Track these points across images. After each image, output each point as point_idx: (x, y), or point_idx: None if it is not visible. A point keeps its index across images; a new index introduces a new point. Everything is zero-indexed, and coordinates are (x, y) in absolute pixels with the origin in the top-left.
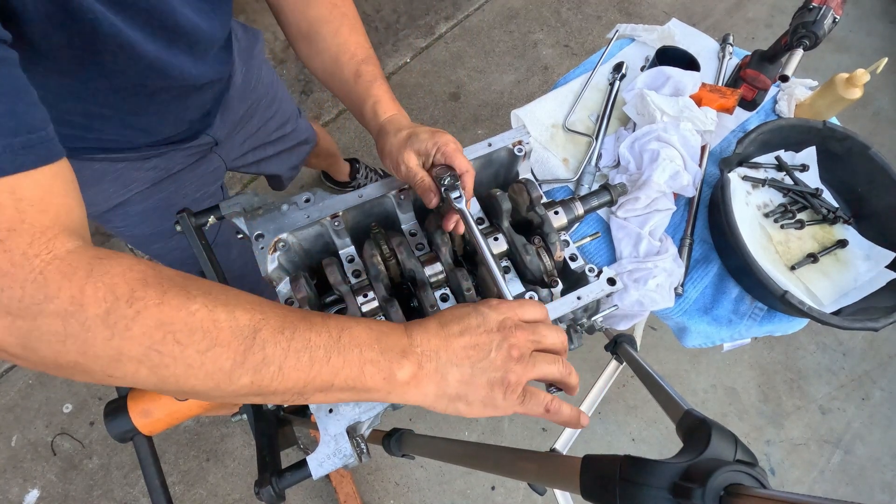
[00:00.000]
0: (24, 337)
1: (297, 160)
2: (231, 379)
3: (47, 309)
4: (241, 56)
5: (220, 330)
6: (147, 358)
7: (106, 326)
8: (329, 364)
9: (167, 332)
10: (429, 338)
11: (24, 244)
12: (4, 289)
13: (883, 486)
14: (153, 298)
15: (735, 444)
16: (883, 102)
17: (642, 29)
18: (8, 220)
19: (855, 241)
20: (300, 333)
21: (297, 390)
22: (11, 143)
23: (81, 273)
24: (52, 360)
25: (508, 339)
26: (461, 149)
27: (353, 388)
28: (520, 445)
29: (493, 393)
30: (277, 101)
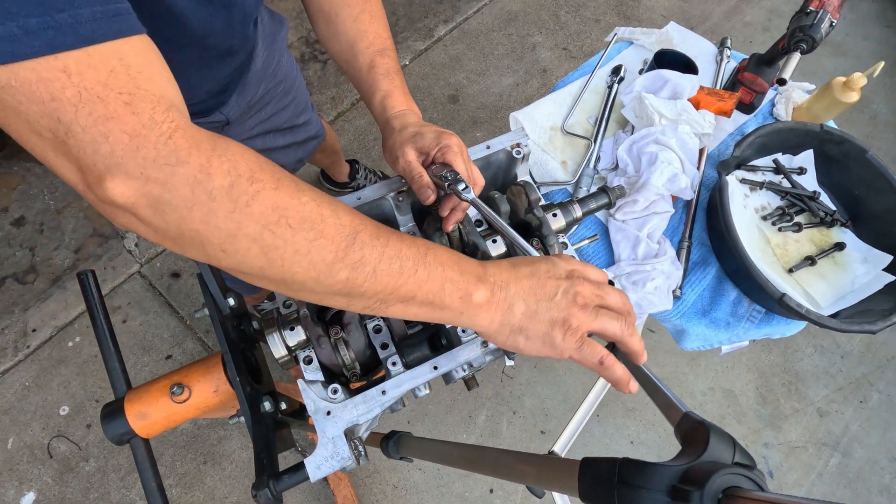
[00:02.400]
0: (154, 199)
1: (304, 154)
2: (331, 271)
3: (178, 172)
4: (265, 40)
5: (325, 224)
6: (261, 237)
7: (230, 199)
8: (416, 276)
9: (281, 215)
10: (501, 271)
11: (150, 109)
12: (139, 148)
13: (881, 488)
14: (270, 182)
15: (733, 447)
16: (880, 106)
17: (640, 32)
18: (125, 84)
19: (852, 244)
20: (393, 243)
21: (383, 296)
22: (106, 10)
23: (207, 145)
24: (175, 227)
25: (575, 286)
26: (465, 154)
27: (432, 302)
28: (518, 448)
29: (553, 331)
30: (294, 91)
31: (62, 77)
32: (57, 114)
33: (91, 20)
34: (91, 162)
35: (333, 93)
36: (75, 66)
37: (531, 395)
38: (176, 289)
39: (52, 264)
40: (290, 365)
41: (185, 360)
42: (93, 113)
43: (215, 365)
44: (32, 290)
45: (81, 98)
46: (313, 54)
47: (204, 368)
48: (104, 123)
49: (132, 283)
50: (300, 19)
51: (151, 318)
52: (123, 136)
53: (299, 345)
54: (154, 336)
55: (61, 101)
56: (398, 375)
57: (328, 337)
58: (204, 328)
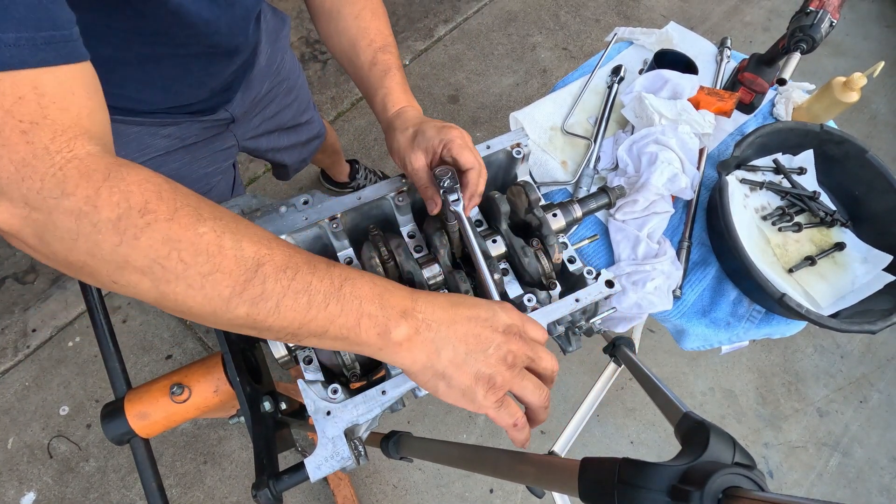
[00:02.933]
0: (39, 229)
1: (307, 154)
2: (228, 307)
3: (63, 205)
4: (268, 37)
5: (224, 256)
6: (151, 270)
7: (116, 232)
8: (326, 310)
9: (173, 248)
10: (434, 309)
11: (47, 139)
12: (25, 179)
13: (881, 488)
14: (164, 213)
15: (733, 447)
16: (880, 106)
17: (640, 32)
18: (31, 113)
19: (852, 244)
20: (302, 276)
21: (291, 331)
22: (34, 38)
23: (99, 176)
24: (62, 257)
25: (509, 343)
26: (469, 143)
27: (347, 338)
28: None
29: (475, 386)
30: (297, 89)
31: None
32: None
33: (12, 45)
34: None
35: (333, 93)
36: None
37: None
38: None
39: None
40: (290, 365)
41: (185, 360)
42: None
43: (215, 365)
44: (32, 290)
45: None
46: (313, 54)
47: (204, 368)
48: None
49: None
50: (300, 19)
51: (151, 318)
52: (10, 165)
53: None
54: (154, 336)
55: None
56: (398, 375)
57: None
58: (204, 328)
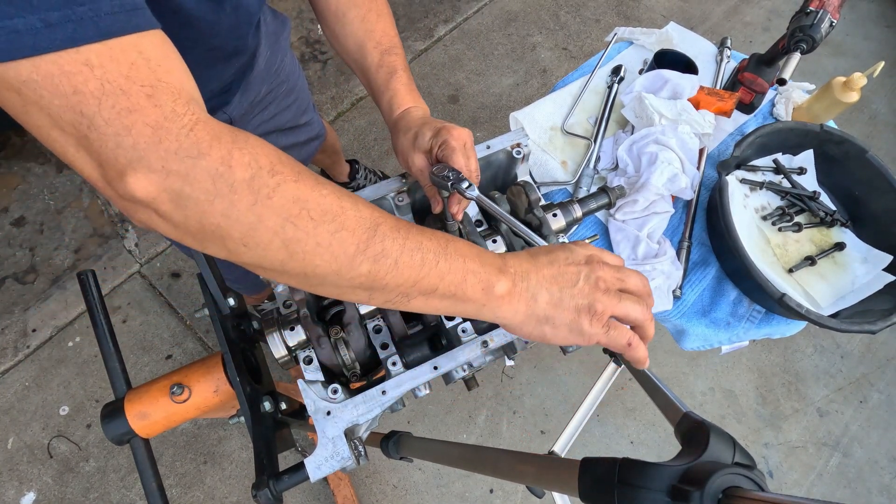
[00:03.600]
0: (176, 193)
1: (307, 155)
2: (353, 264)
3: (200, 165)
4: (268, 39)
5: (346, 216)
6: (282, 229)
7: (251, 191)
8: (437, 267)
9: (303, 207)
10: (520, 262)
11: (171, 101)
12: (162, 140)
13: (881, 488)
14: (290, 175)
15: (733, 447)
16: (880, 106)
17: (640, 32)
18: (147, 77)
19: (852, 244)
20: (414, 235)
21: (404, 289)
22: (123, 4)
23: (227, 138)
24: (195, 221)
25: (596, 271)
26: (463, 146)
27: (454, 294)
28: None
29: (579, 318)
30: (296, 91)
31: (85, 70)
32: (80, 107)
33: (110, 13)
34: (113, 156)
35: (333, 93)
36: (97, 59)
37: (531, 395)
38: (176, 289)
39: (52, 264)
40: (290, 365)
41: (185, 360)
42: (116, 105)
43: (215, 365)
44: (32, 290)
45: (105, 91)
46: (313, 54)
47: (204, 368)
48: (127, 116)
49: (132, 283)
50: (300, 19)
51: (151, 318)
52: (146, 129)
53: (299, 345)
54: (154, 336)
55: (84, 94)
56: (398, 375)
57: (328, 337)
58: (204, 328)
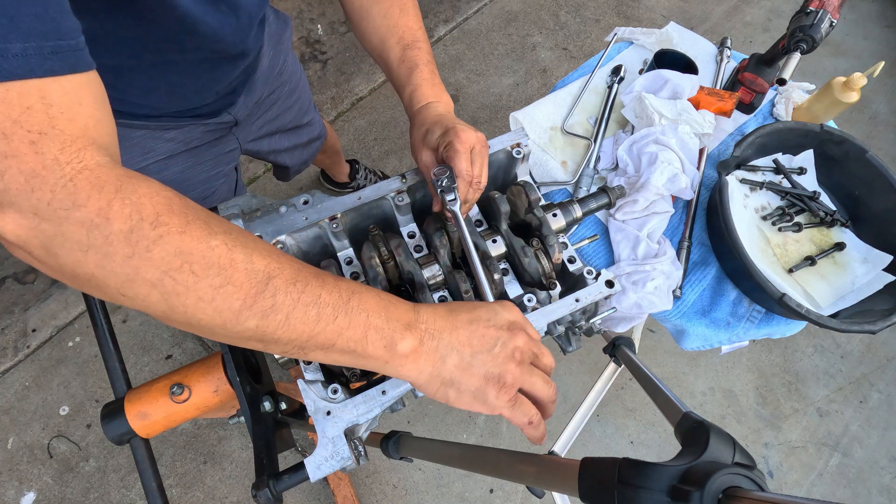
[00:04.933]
0: (47, 240)
1: (308, 155)
2: (238, 319)
3: (74, 216)
4: (271, 40)
5: (235, 269)
6: (161, 283)
7: (128, 244)
8: (335, 323)
9: (185, 261)
10: (435, 318)
11: (56, 149)
12: (35, 190)
13: (881, 488)
14: (176, 226)
15: (733, 447)
16: (880, 106)
17: (640, 32)
18: (39, 123)
19: (852, 244)
20: (311, 289)
21: (299, 343)
22: (41, 47)
23: (110, 188)
24: (69, 269)
25: (514, 339)
26: (469, 150)
27: (354, 351)
28: (518, 448)
29: (486, 387)
30: (298, 91)
31: None
32: None
33: (20, 55)
34: None
35: (333, 93)
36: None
37: None
38: None
39: None
40: (290, 365)
41: (185, 360)
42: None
43: (215, 365)
44: (32, 290)
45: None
46: (313, 54)
47: (204, 368)
48: (3, 161)
49: None
50: (300, 19)
51: (151, 319)
52: (19, 176)
53: None
54: (154, 336)
55: None
56: None
57: None
58: None
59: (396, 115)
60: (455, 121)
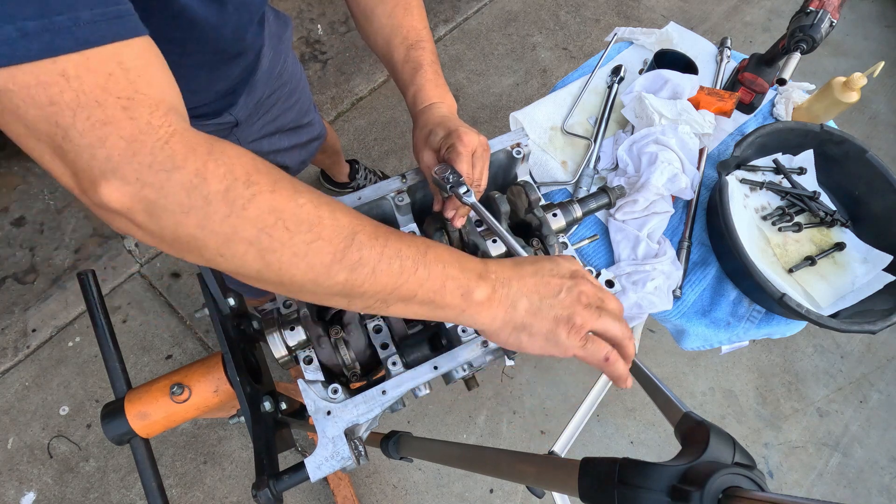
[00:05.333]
0: (150, 204)
1: (307, 155)
2: (329, 273)
3: (174, 178)
4: (271, 40)
5: (323, 225)
6: (258, 240)
7: (225, 203)
8: (416, 274)
9: (278, 217)
10: (503, 269)
11: (147, 114)
12: (136, 153)
13: (881, 488)
14: (266, 185)
15: (733, 447)
16: (880, 106)
17: (640, 32)
18: (124, 88)
19: (852, 244)
20: (392, 242)
21: (383, 296)
22: (106, 12)
23: (203, 149)
24: (170, 232)
25: (579, 285)
26: (476, 153)
27: (433, 301)
28: (518, 448)
29: (557, 329)
30: (299, 91)
31: (60, 81)
32: (55, 118)
33: (90, 23)
34: (87, 167)
35: (333, 93)
36: (74, 70)
37: (531, 395)
38: (176, 289)
39: (52, 264)
40: (290, 365)
41: (185, 360)
42: (91, 117)
43: (215, 365)
44: (32, 290)
45: (80, 102)
46: (313, 54)
47: (204, 368)
48: (101, 128)
49: (132, 283)
50: (300, 19)
51: (151, 318)
52: (120, 142)
53: (299, 345)
54: (154, 336)
55: (59, 105)
56: (398, 375)
57: (328, 337)
58: (204, 328)
59: (396, 115)
60: (458, 123)
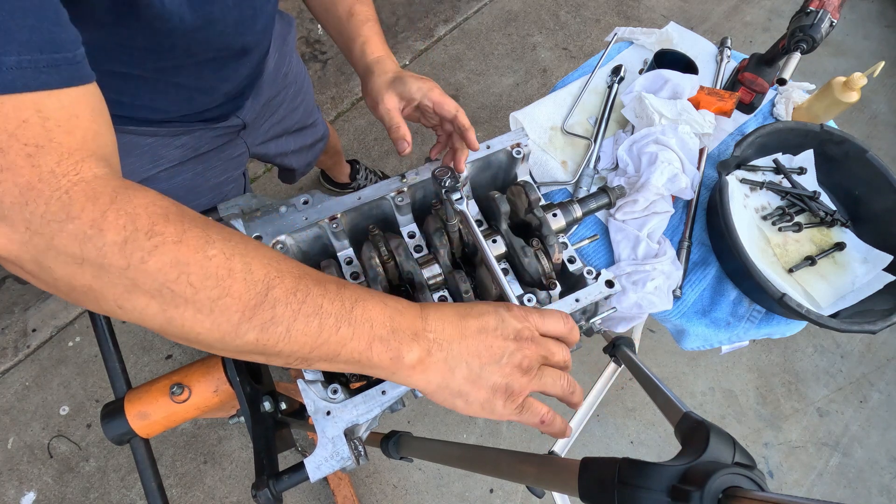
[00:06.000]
0: (40, 254)
1: (312, 157)
2: (237, 332)
3: (67, 228)
4: (276, 41)
5: (233, 280)
6: (159, 294)
7: (122, 255)
8: (338, 334)
9: (182, 272)
10: (444, 326)
11: (53, 162)
12: (28, 202)
13: (881, 488)
14: (172, 235)
15: (733, 447)
16: (880, 106)
17: (640, 32)
18: (35, 136)
19: (852, 244)
20: (312, 298)
21: (301, 355)
22: (37, 60)
23: (105, 199)
24: (65, 282)
25: (522, 349)
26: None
27: (359, 361)
28: (518, 448)
29: (494, 398)
30: (303, 92)
31: None
32: None
33: (15, 68)
34: None
35: (333, 93)
36: None
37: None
38: None
39: None
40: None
41: (185, 359)
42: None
43: (215, 365)
44: (32, 290)
45: None
46: (313, 54)
47: (204, 368)
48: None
49: None
50: (300, 19)
51: None
52: (14, 189)
53: None
54: (154, 336)
55: None
56: None
57: None
58: None
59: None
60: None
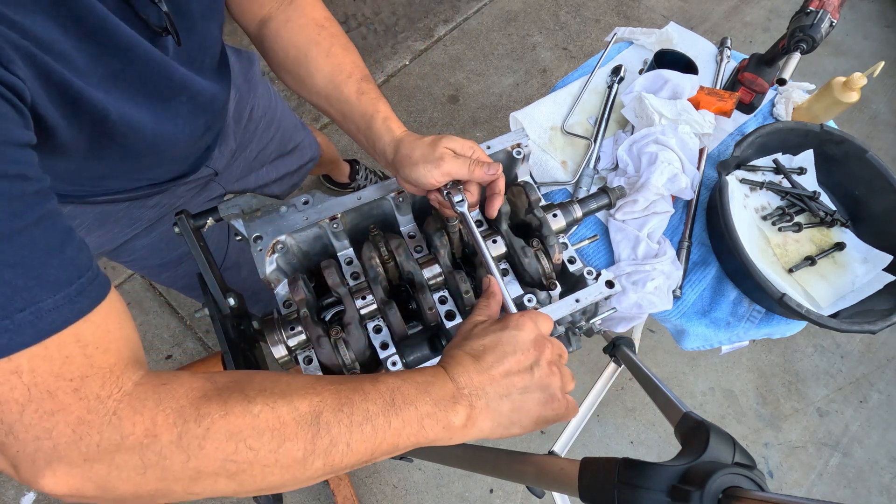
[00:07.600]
0: (102, 480)
1: (298, 179)
2: (305, 466)
3: (124, 446)
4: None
5: (285, 425)
6: (224, 469)
7: (181, 450)
8: (391, 428)
9: (238, 441)
10: (471, 376)
11: (97, 388)
12: (83, 436)
13: (881, 488)
14: (217, 412)
15: (733, 447)
16: (880, 106)
17: (640, 32)
18: (79, 368)
19: (852, 244)
20: (358, 406)
21: (365, 459)
22: (69, 293)
23: (151, 403)
24: (131, 494)
25: (544, 354)
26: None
27: (417, 442)
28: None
29: (543, 410)
30: (276, 121)
31: (12, 379)
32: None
33: (52, 310)
34: (30, 460)
35: None
36: (28, 364)
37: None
38: None
39: None
40: (291, 365)
41: (185, 360)
42: (39, 409)
43: (215, 365)
44: None
45: (30, 397)
46: None
47: (204, 368)
48: (49, 418)
49: (132, 283)
50: None
51: (151, 318)
52: (66, 429)
53: (299, 345)
54: (154, 336)
55: (8, 402)
56: None
57: (328, 337)
58: (204, 328)
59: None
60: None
